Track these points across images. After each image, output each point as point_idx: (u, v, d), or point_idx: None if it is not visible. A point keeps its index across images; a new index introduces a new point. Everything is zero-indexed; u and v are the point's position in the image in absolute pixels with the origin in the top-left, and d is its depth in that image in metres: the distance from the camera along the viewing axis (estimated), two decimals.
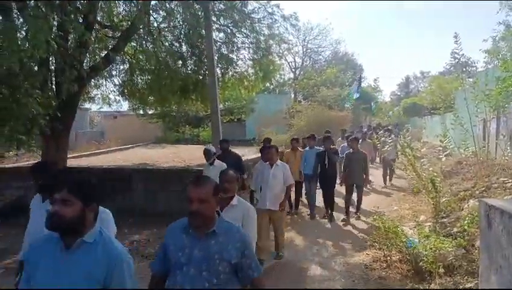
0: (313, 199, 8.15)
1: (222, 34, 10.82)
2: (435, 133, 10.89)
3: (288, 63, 35.40)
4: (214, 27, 9.89)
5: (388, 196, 9.76)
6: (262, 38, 11.09)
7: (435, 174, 6.82)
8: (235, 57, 11.17)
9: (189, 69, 10.93)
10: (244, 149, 13.36)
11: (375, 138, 10.28)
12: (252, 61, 11.45)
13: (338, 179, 8.27)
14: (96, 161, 12.90)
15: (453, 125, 8.29)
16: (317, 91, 25.93)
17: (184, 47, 10.85)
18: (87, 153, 15.62)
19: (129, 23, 9.23)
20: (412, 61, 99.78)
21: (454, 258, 4.56)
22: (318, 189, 8.22)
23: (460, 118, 8.32)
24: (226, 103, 20.25)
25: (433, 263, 4.42)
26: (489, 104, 8.35)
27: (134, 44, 10.40)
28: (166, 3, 9.51)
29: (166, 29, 10.47)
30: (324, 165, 7.68)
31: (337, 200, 8.17)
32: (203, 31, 9.40)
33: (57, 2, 6.62)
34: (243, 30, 10.74)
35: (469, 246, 4.79)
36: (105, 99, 12.48)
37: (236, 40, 10.90)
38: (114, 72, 11.55)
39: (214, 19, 9.84)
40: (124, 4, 9.85)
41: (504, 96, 8.24)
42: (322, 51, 39.43)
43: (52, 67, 8.12)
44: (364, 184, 8.10)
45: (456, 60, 8.99)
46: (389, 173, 11.31)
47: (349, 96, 23.28)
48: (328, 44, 38.68)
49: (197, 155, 5.99)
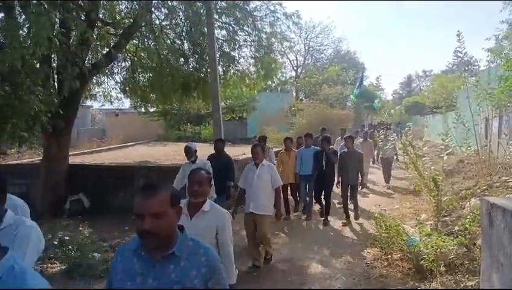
0: (307, 199, 7.77)
1: (224, 32, 10.81)
2: (437, 132, 10.89)
3: (290, 61, 35.38)
4: (215, 25, 9.88)
5: (389, 197, 9.59)
6: (264, 36, 11.07)
7: (437, 172, 6.79)
8: (237, 55, 11.14)
9: (190, 66, 10.92)
10: (245, 148, 13.34)
11: (377, 136, 10.16)
12: (253, 59, 11.42)
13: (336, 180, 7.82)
14: (98, 158, 12.91)
15: (455, 124, 8.27)
16: (319, 89, 25.93)
17: (186, 45, 10.86)
18: (88, 150, 15.63)
19: (131, 20, 9.25)
20: (414, 60, 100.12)
21: (455, 257, 4.57)
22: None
23: (463, 117, 8.30)
24: (228, 101, 20.27)
25: (434, 262, 4.43)
26: (492, 102, 8.32)
27: (136, 41, 10.43)
28: (168, 1, 9.53)
29: (168, 27, 10.47)
30: (322, 166, 7.32)
31: (334, 202, 7.97)
32: (205, 28, 9.39)
33: (59, 0, 6.63)
34: (244, 28, 10.72)
35: (470, 244, 4.80)
36: (107, 96, 12.50)
37: (238, 38, 10.87)
38: (116, 70, 11.62)
39: (216, 16, 9.82)
40: (126, 2, 9.87)
41: (506, 95, 8.22)
42: (324, 49, 39.58)
43: (54, 65, 8.16)
44: (360, 185, 7.76)
45: (459, 58, 9.02)
46: (384, 173, 10.85)
47: (353, 93, 23.17)
48: (330, 42, 38.81)
49: (198, 153, 6.02)
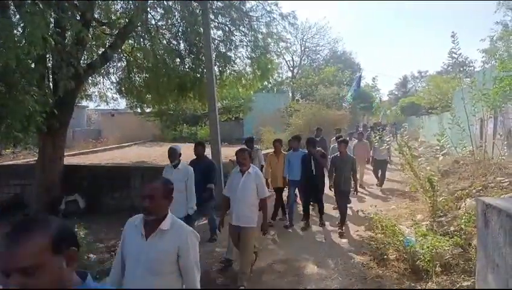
0: (292, 207, 7.36)
1: (220, 32, 10.77)
2: (432, 133, 10.90)
3: (286, 62, 35.41)
4: (212, 25, 9.84)
5: (384, 200, 9.36)
6: (260, 36, 11.04)
7: (432, 173, 6.82)
8: (233, 55, 11.10)
9: (187, 67, 10.88)
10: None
11: (373, 137, 10.12)
12: (250, 60, 11.39)
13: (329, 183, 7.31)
14: (94, 158, 12.85)
15: (450, 125, 8.30)
16: (315, 90, 25.94)
17: (182, 45, 10.82)
18: (84, 151, 15.55)
19: (127, 20, 9.21)
20: (409, 61, 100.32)
21: (451, 257, 4.59)
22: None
23: (458, 118, 8.33)
24: (224, 102, 20.20)
25: (430, 262, 4.45)
26: (487, 103, 8.36)
27: (132, 42, 10.38)
28: (164, 1, 9.49)
29: (164, 27, 10.43)
30: (311, 171, 6.83)
31: (327, 206, 7.69)
32: (201, 29, 9.36)
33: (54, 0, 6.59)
34: (241, 28, 10.70)
35: (466, 244, 4.82)
36: (103, 97, 12.44)
37: (234, 38, 10.84)
38: (111, 70, 11.56)
39: (212, 16, 9.80)
40: (121, 2, 9.82)
41: (501, 96, 8.26)
42: (320, 50, 39.56)
43: (49, 65, 8.10)
44: (353, 191, 7.32)
45: (454, 59, 8.98)
46: (380, 175, 10.56)
47: (350, 93, 23.18)
48: (326, 43, 38.81)
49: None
